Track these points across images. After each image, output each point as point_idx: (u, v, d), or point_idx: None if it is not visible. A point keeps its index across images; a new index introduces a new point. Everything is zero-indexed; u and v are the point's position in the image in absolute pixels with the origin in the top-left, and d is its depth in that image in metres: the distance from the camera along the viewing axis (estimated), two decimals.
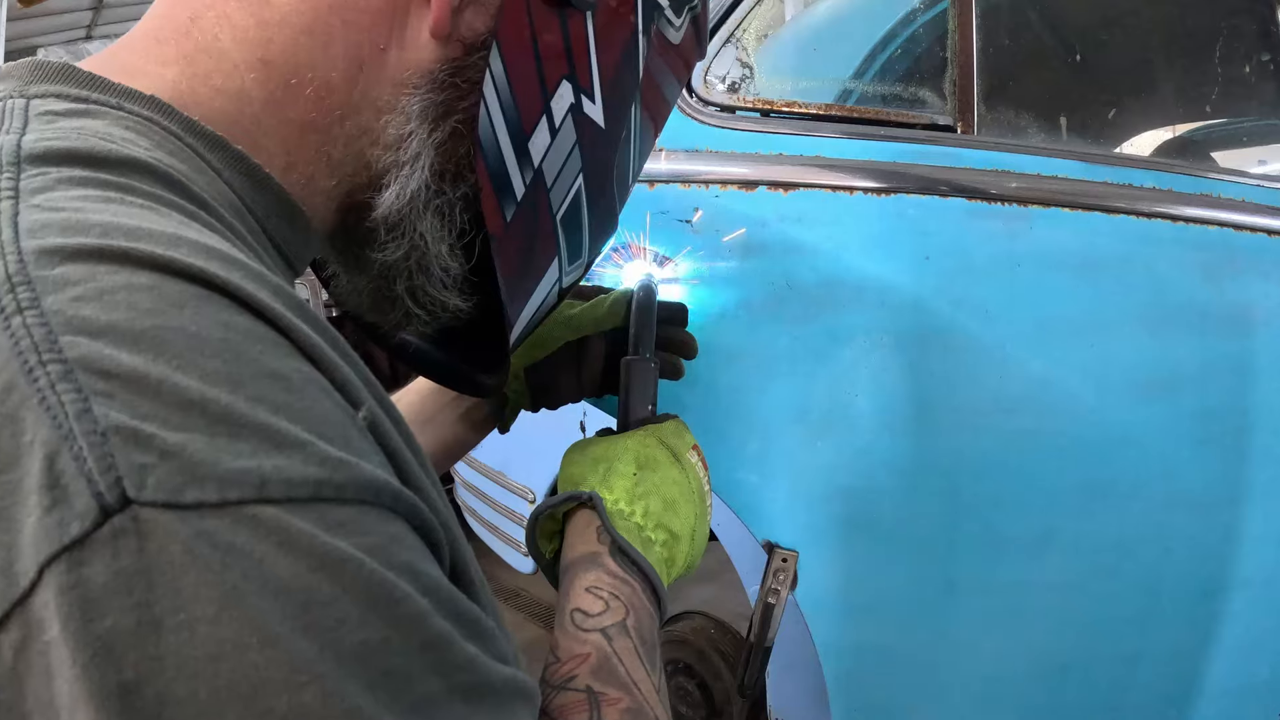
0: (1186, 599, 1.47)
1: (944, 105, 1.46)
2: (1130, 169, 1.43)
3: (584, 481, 0.96)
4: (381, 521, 0.47)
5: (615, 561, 0.88)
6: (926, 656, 1.46)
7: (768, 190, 1.31)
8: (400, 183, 0.70)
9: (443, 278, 0.76)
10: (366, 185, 0.71)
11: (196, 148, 0.60)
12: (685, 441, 1.03)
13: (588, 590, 0.86)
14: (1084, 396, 1.38)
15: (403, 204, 0.71)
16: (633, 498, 0.94)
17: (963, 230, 1.34)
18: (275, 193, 0.65)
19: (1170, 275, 1.40)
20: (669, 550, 0.95)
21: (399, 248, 0.73)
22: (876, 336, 1.32)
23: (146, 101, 0.60)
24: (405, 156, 0.70)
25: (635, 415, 1.06)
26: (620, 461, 0.96)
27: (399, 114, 0.69)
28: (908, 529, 1.39)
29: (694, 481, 1.00)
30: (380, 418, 0.53)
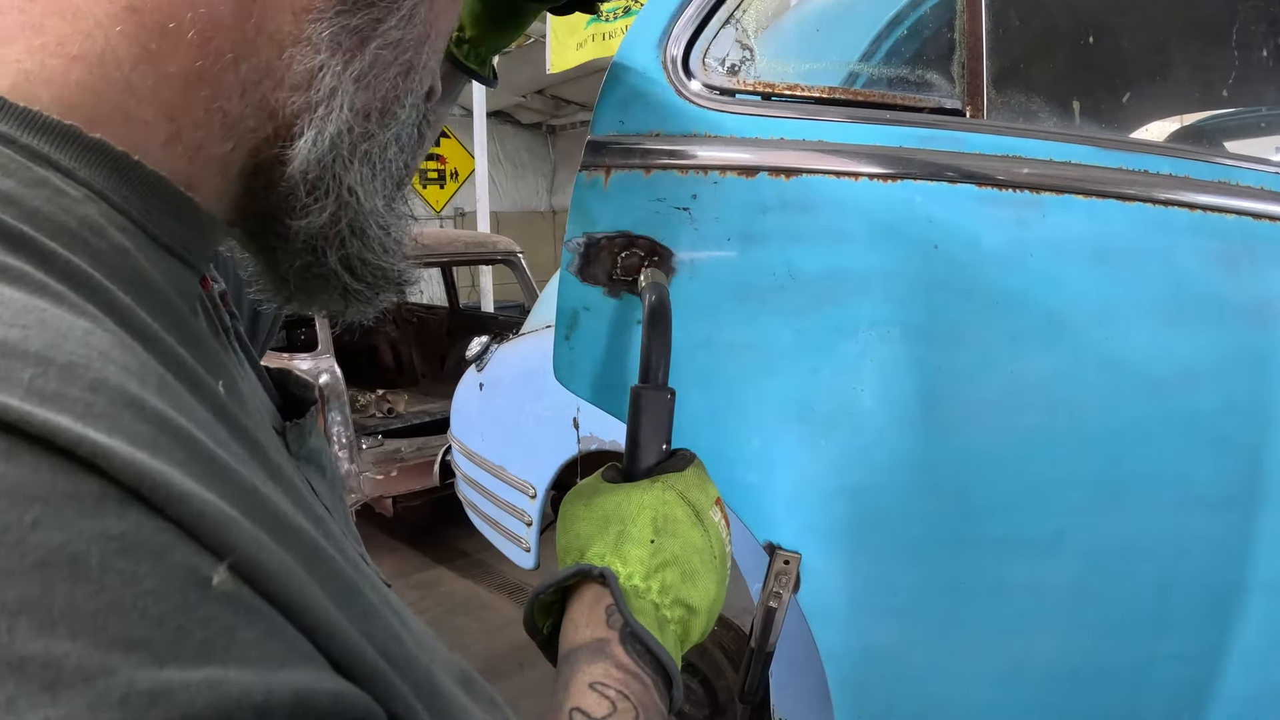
0: (1202, 602, 1.42)
1: (952, 88, 1.41)
2: (1145, 155, 1.38)
3: (591, 547, 0.86)
4: None
5: (626, 650, 0.77)
6: (933, 661, 1.42)
7: (769, 176, 1.26)
8: (315, 126, 0.60)
9: (382, 238, 0.67)
10: (274, 138, 0.61)
11: (37, 147, 0.49)
12: (709, 495, 0.92)
13: (592, 687, 0.75)
14: (1097, 391, 1.34)
15: (321, 152, 0.60)
16: (649, 571, 0.83)
17: (972, 218, 1.29)
18: (149, 182, 0.54)
19: (1187, 265, 1.35)
20: (684, 627, 0.85)
21: (324, 209, 0.63)
22: (882, 329, 1.28)
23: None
24: (318, 95, 0.60)
25: (648, 458, 0.93)
26: (635, 524, 0.85)
27: (305, 46, 0.59)
28: (914, 529, 1.34)
29: (716, 546, 0.89)
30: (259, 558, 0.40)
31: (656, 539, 0.85)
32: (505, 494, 3.05)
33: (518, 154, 15.51)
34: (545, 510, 2.95)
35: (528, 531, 3.00)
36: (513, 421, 3.13)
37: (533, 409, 2.97)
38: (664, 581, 0.83)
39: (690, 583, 0.85)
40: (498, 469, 3.06)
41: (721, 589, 0.90)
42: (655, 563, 0.84)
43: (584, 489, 0.93)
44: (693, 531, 0.87)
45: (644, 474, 0.92)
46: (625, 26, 6.77)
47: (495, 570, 5.10)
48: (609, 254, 1.22)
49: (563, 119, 15.08)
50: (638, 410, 0.94)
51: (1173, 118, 1.87)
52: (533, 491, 2.91)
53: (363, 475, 4.84)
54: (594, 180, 1.24)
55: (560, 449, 2.71)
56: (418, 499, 5.11)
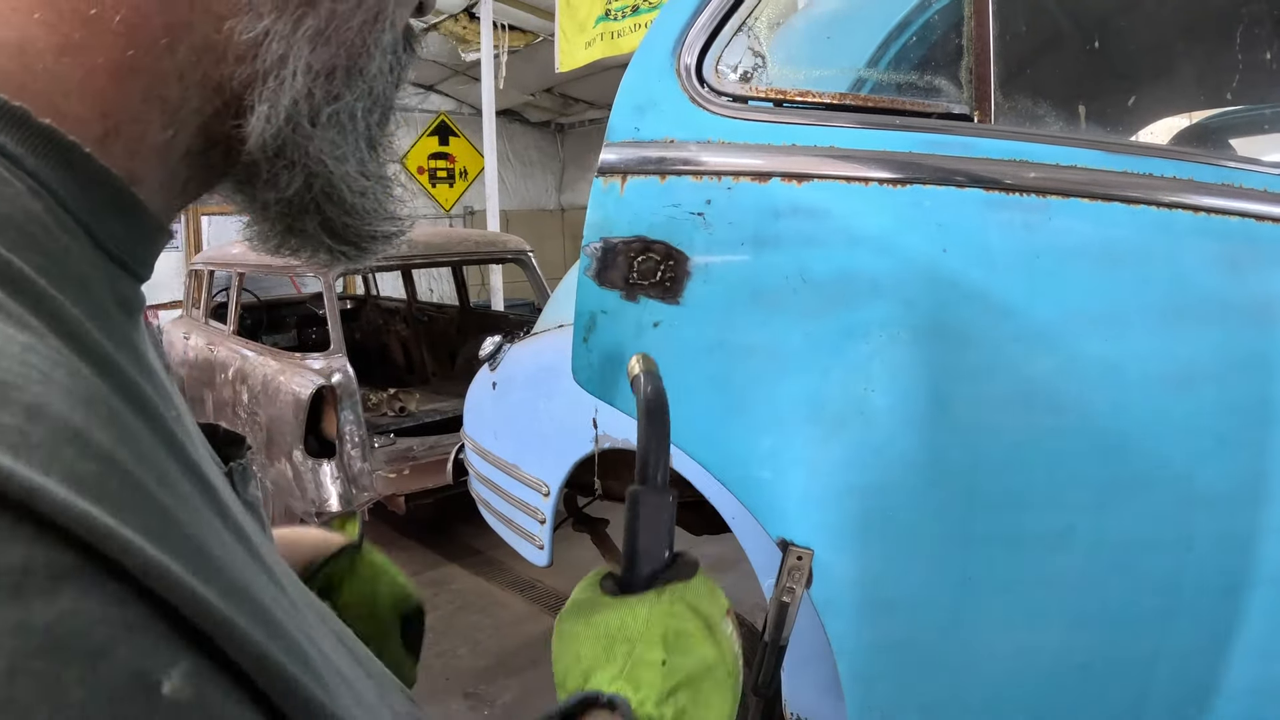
0: (1207, 597, 1.44)
1: (960, 93, 1.44)
2: (1150, 158, 1.40)
3: (596, 671, 0.77)
4: None
5: None
6: (943, 655, 1.44)
7: (781, 182, 1.29)
8: (268, 99, 0.54)
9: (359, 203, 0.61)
10: (224, 114, 0.54)
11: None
12: (719, 606, 0.83)
13: None
14: (1103, 391, 1.36)
15: (278, 124, 0.54)
16: (663, 695, 0.75)
17: (980, 222, 1.32)
18: (98, 176, 0.47)
19: (1191, 267, 1.38)
20: None
21: (292, 180, 0.57)
22: (892, 331, 1.30)
23: None
24: (267, 63, 0.53)
25: (648, 564, 0.83)
26: (644, 643, 0.77)
27: (245, 13, 0.52)
28: (924, 526, 1.36)
29: (729, 661, 0.81)
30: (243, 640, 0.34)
31: (669, 659, 0.76)
32: (519, 492, 3.06)
33: (527, 152, 15.49)
34: (558, 508, 2.96)
35: (541, 529, 3.01)
36: (526, 420, 3.14)
37: (546, 408, 2.98)
38: (678, 706, 0.75)
39: (705, 704, 0.78)
40: (511, 467, 3.08)
41: (735, 705, 0.82)
42: (668, 686, 0.76)
43: (581, 604, 0.84)
44: (706, 648, 0.79)
45: (645, 584, 0.83)
46: (634, 25, 6.77)
47: (507, 567, 5.11)
48: (626, 258, 1.24)
49: (571, 117, 15.04)
50: (635, 515, 0.84)
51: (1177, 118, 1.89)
52: (546, 489, 2.92)
53: (375, 474, 4.85)
54: (610, 186, 1.26)
55: (574, 447, 2.72)
56: (430, 497, 5.11)
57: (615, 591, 0.83)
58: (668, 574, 0.83)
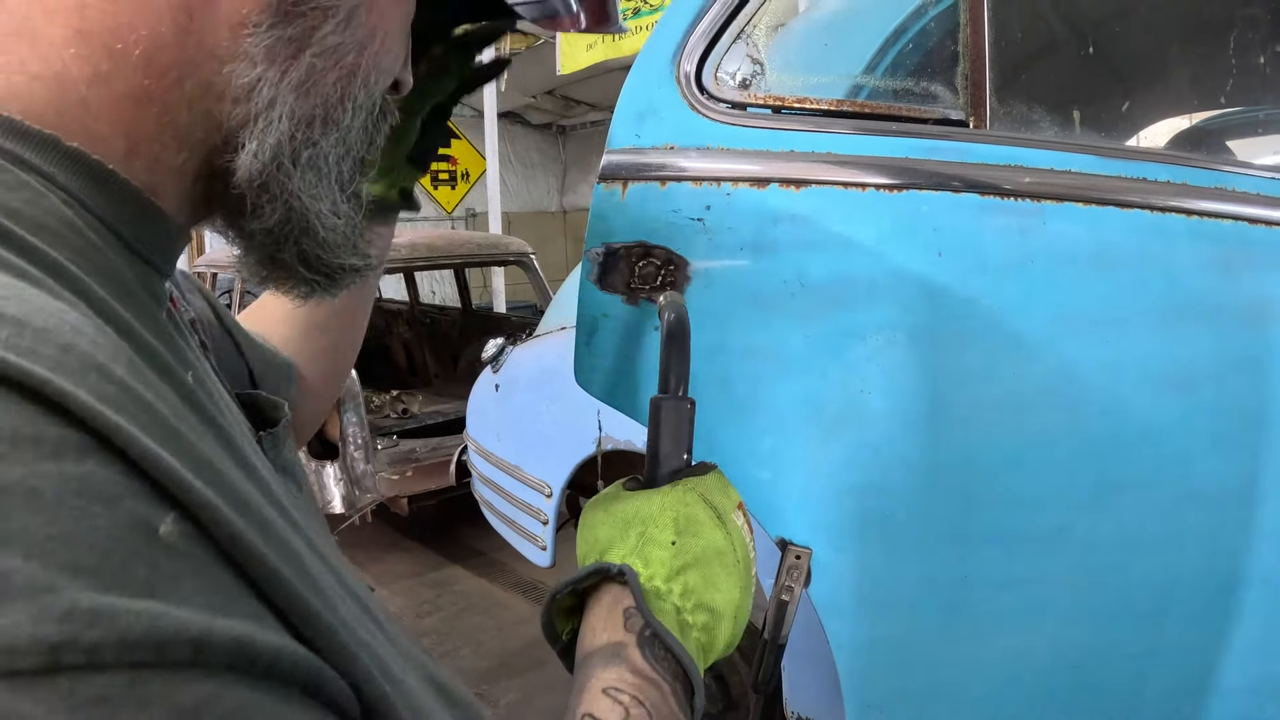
0: (1202, 596, 1.46)
1: (956, 99, 1.45)
2: (1144, 162, 1.42)
3: (612, 549, 0.84)
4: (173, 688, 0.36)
5: (644, 655, 0.75)
6: (940, 652, 1.45)
7: (779, 188, 1.30)
8: (257, 138, 0.62)
9: (330, 238, 0.69)
10: (222, 148, 0.63)
11: (20, 153, 0.53)
12: (730, 499, 0.90)
13: (606, 692, 0.72)
14: (1098, 393, 1.38)
15: (264, 161, 0.63)
16: (671, 572, 0.81)
17: (976, 226, 1.33)
18: (120, 189, 0.58)
19: (1185, 270, 1.39)
20: (708, 634, 0.82)
21: (274, 212, 0.66)
22: (889, 333, 1.32)
23: None
24: (258, 106, 0.62)
25: (668, 465, 0.92)
26: (656, 526, 0.83)
27: (242, 60, 0.61)
28: (921, 525, 1.38)
29: (739, 549, 0.87)
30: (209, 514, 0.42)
31: (678, 540, 0.82)
32: (522, 493, 3.08)
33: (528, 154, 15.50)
34: (561, 509, 2.98)
35: (544, 530, 3.02)
36: (528, 422, 3.15)
37: (548, 410, 3.00)
38: (686, 584, 0.81)
39: (713, 586, 0.83)
40: (514, 468, 3.09)
41: (746, 595, 0.88)
42: (677, 564, 0.81)
43: (604, 497, 0.91)
44: (715, 533, 0.85)
45: (664, 481, 0.90)
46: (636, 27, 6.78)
47: (510, 569, 5.13)
48: (627, 264, 1.26)
49: (573, 119, 15.06)
50: (658, 420, 0.93)
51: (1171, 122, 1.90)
52: (549, 490, 2.94)
53: (378, 475, 4.87)
54: (612, 192, 1.28)
55: (576, 449, 2.74)
56: (433, 498, 5.12)
57: (637, 489, 0.91)
58: (685, 472, 0.91)
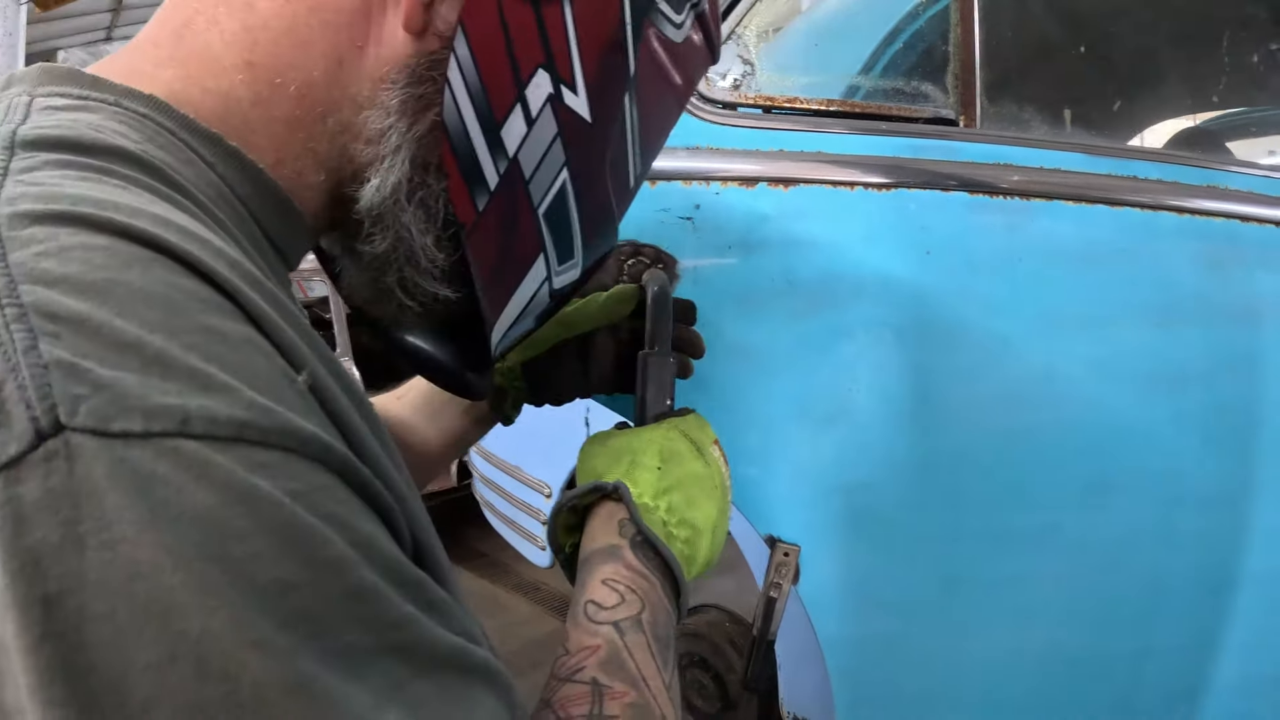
0: (1193, 594, 1.46)
1: (947, 99, 1.46)
2: (1135, 161, 1.42)
3: (607, 474, 0.96)
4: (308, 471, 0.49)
5: (636, 555, 0.88)
6: (930, 650, 1.46)
7: (768, 187, 1.31)
8: (381, 175, 0.71)
9: (431, 269, 0.77)
10: (351, 179, 0.73)
11: (191, 143, 0.63)
12: (707, 435, 1.04)
13: (604, 583, 0.85)
14: (1088, 391, 1.38)
15: (384, 196, 0.72)
16: (657, 492, 0.94)
17: (964, 224, 1.34)
18: (267, 186, 0.68)
19: (1175, 268, 1.40)
20: (690, 547, 0.94)
21: (384, 239, 0.75)
22: (878, 332, 1.32)
23: (145, 100, 0.63)
24: (385, 150, 0.71)
25: (654, 410, 1.07)
26: (644, 454, 0.97)
27: (378, 109, 0.70)
28: (910, 523, 1.38)
29: (716, 476, 1.00)
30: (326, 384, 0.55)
31: (663, 466, 0.96)
32: (521, 493, 3.07)
33: None
34: None
35: (543, 530, 3.02)
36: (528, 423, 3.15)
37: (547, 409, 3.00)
38: (670, 502, 0.94)
39: (694, 505, 0.95)
40: (514, 469, 3.09)
41: (724, 517, 1.00)
42: (662, 485, 0.94)
43: (599, 435, 1.05)
44: (695, 462, 0.98)
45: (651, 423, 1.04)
46: None
47: (511, 570, 5.11)
48: (617, 262, 1.26)
49: None
50: (644, 372, 1.07)
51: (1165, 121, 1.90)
52: (548, 491, 2.93)
53: None
54: None
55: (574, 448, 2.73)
56: (435, 499, 5.10)
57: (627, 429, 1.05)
58: (668, 416, 1.05)
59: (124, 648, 0.40)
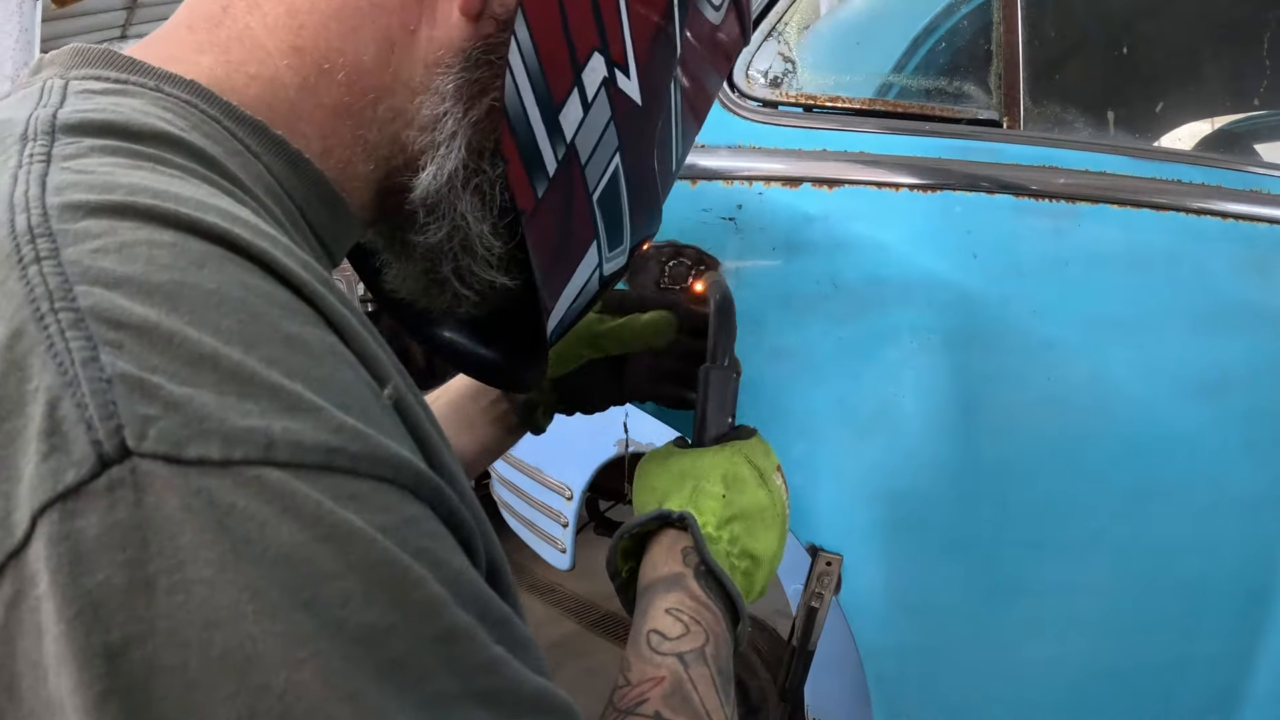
0: (1234, 603, 1.44)
1: (989, 99, 1.44)
2: (1177, 164, 1.40)
3: (669, 498, 0.94)
4: (400, 501, 0.45)
5: (699, 585, 0.86)
6: (971, 660, 1.44)
7: (812, 187, 1.29)
8: (437, 163, 0.68)
9: (488, 257, 0.74)
10: (404, 167, 0.70)
11: (235, 132, 0.60)
12: (770, 461, 1.01)
13: (668, 612, 0.83)
14: (1132, 397, 1.36)
15: (440, 184, 0.69)
16: (721, 521, 0.91)
17: (1010, 228, 1.32)
18: (314, 178, 0.65)
19: (1220, 273, 1.37)
20: (748, 579, 0.93)
21: (440, 229, 0.72)
22: (923, 336, 1.30)
23: (186, 85, 0.60)
24: (441, 136, 0.68)
25: (714, 429, 1.02)
26: (708, 480, 0.94)
27: (433, 94, 0.67)
28: (952, 531, 1.36)
29: (779, 505, 0.97)
30: (408, 400, 0.52)
31: (727, 494, 0.93)
32: (541, 496, 3.06)
33: None
34: (581, 511, 2.96)
35: (564, 532, 3.00)
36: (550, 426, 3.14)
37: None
38: (733, 532, 0.91)
39: (754, 535, 0.93)
40: (534, 471, 3.07)
41: (782, 544, 0.98)
42: (726, 515, 0.91)
43: (659, 454, 1.02)
44: (759, 491, 0.95)
45: (712, 443, 1.00)
46: None
47: (527, 571, 5.10)
48: (657, 263, 1.24)
49: None
50: (706, 387, 1.02)
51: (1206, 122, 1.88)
52: (569, 493, 2.92)
53: None
54: None
55: (597, 451, 2.72)
56: None
57: (687, 448, 1.01)
58: (730, 435, 1.01)
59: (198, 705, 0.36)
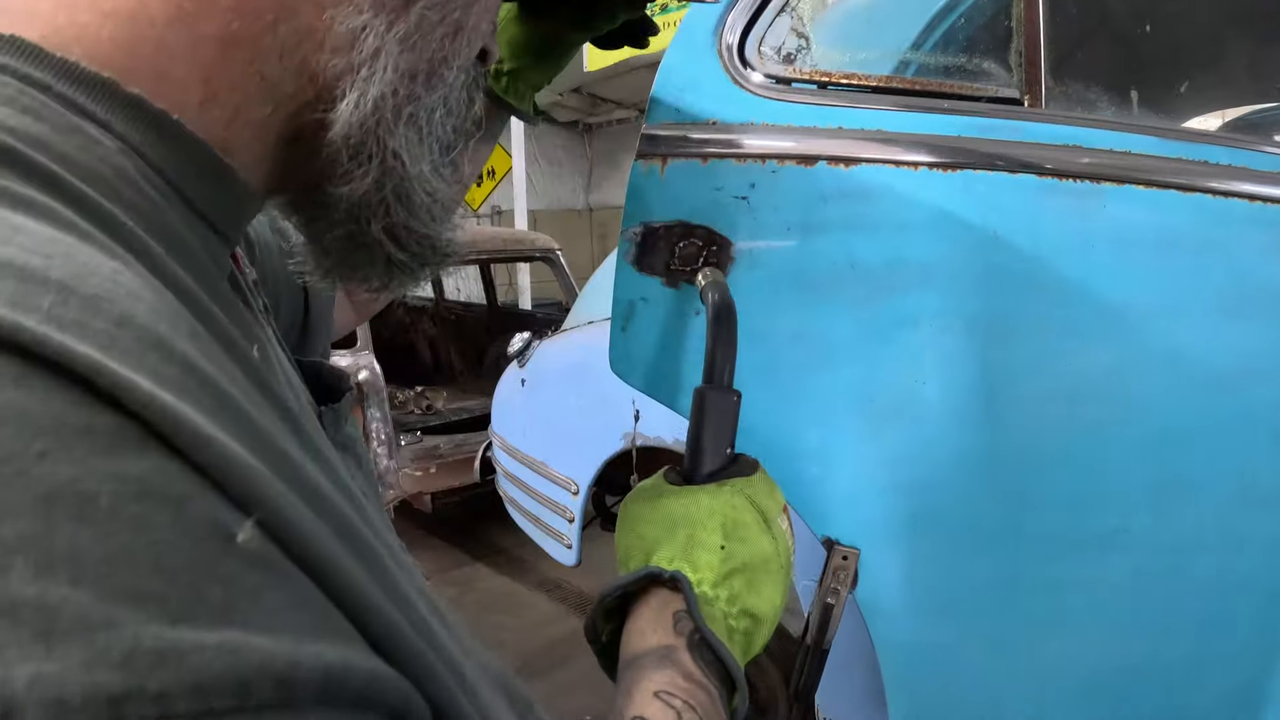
0: (1258, 600, 1.40)
1: (1009, 77, 1.39)
2: (1204, 144, 1.36)
3: (658, 550, 0.83)
4: None
5: (693, 658, 0.74)
6: (989, 657, 1.40)
7: (828, 165, 1.25)
8: (359, 88, 0.57)
9: (429, 205, 0.64)
10: (315, 102, 0.57)
11: (75, 99, 0.46)
12: (776, 503, 0.89)
13: (657, 695, 0.71)
14: (1157, 386, 1.32)
15: (365, 114, 0.57)
16: (719, 578, 0.80)
17: (1033, 208, 1.27)
18: (188, 143, 0.52)
19: (1248, 258, 1.33)
20: (748, 639, 0.82)
21: (367, 174, 0.60)
22: (943, 320, 1.26)
23: (7, 46, 0.46)
24: (361, 57, 0.57)
25: (711, 459, 0.90)
26: (704, 529, 0.82)
27: (347, 6, 0.55)
28: (973, 525, 1.32)
29: (784, 555, 0.86)
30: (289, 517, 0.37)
31: (726, 545, 0.82)
32: (547, 490, 3.05)
33: (554, 152, 15.54)
34: (587, 506, 2.94)
35: (569, 528, 2.99)
36: (555, 417, 3.12)
37: (576, 405, 2.96)
38: (732, 590, 0.81)
39: (756, 592, 0.82)
40: (540, 465, 3.06)
41: (785, 597, 0.87)
42: (725, 570, 0.81)
43: (647, 490, 0.90)
44: (762, 539, 0.84)
45: (707, 477, 0.89)
46: (663, 23, 6.75)
47: (533, 567, 5.10)
48: (666, 243, 1.20)
49: (599, 117, 15.07)
50: (701, 412, 0.90)
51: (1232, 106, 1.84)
52: (575, 488, 2.90)
53: (402, 471, 4.84)
54: (650, 169, 1.22)
55: (604, 445, 2.70)
56: (456, 495, 5.11)
57: (679, 483, 0.89)
58: (730, 470, 0.90)
59: None
